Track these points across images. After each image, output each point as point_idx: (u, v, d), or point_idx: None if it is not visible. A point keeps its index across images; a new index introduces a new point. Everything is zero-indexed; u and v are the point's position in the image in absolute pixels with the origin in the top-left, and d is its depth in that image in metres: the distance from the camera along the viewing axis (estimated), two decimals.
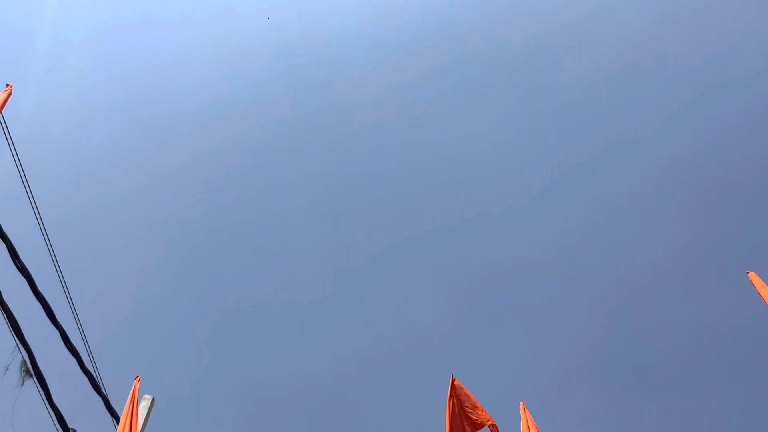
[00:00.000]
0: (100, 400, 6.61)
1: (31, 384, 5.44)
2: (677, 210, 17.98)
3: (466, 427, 6.21)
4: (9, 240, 4.57)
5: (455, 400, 6.46)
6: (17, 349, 5.30)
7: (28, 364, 5.52)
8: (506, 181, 19.79)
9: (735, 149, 17.90)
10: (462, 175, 19.98)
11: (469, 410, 6.33)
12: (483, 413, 6.30)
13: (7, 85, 5.35)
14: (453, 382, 6.63)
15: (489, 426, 6.24)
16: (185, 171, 19.64)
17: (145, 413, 7.17)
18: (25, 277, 4.76)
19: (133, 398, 5.28)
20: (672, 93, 18.84)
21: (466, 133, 20.18)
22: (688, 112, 18.59)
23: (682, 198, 18.14)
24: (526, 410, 5.80)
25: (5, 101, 5.08)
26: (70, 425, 6.18)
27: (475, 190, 19.90)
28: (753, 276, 6.44)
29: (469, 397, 6.48)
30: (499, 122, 20.14)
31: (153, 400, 7.45)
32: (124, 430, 5.02)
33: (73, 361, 5.81)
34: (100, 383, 6.59)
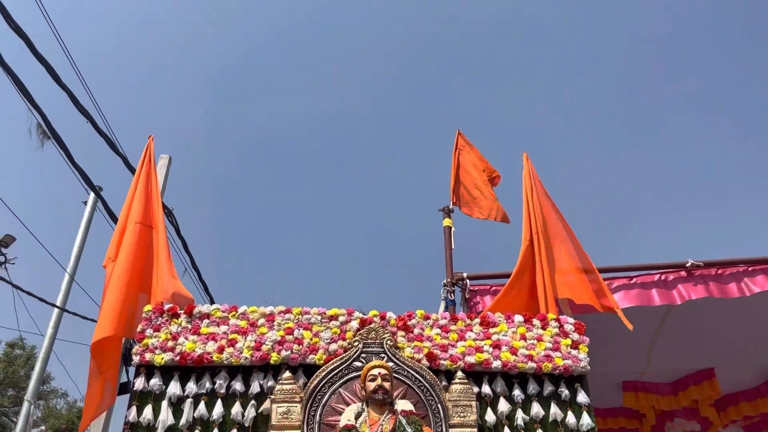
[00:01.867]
0: (119, 160, 6.93)
1: (53, 147, 5.77)
2: None
3: (474, 178, 6.55)
4: None
5: (461, 154, 6.73)
6: (29, 112, 5.52)
7: (44, 126, 5.73)
8: None
9: None
10: None
11: (477, 162, 6.68)
12: (488, 165, 6.66)
13: None
14: (459, 137, 6.87)
15: (493, 177, 6.62)
16: None
17: (164, 172, 7.52)
18: (21, 38, 4.74)
19: (149, 157, 5.46)
20: None
21: None
22: None
23: None
24: (529, 161, 5.97)
25: None
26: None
27: None
28: None
29: (474, 150, 6.79)
30: None
31: (170, 159, 7.82)
32: (144, 188, 5.19)
33: (88, 125, 6.01)
34: (117, 143, 6.92)
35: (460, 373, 4.03)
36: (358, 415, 3.69)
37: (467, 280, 5.62)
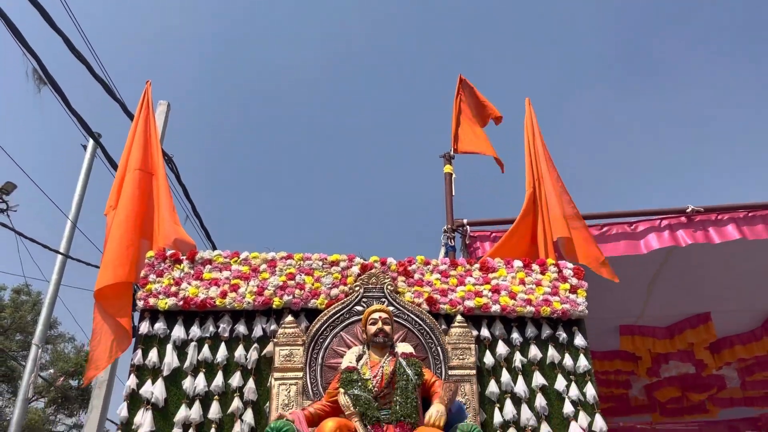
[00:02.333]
0: (117, 107, 6.85)
1: (51, 94, 5.71)
2: None
3: (476, 123, 6.58)
4: None
5: (463, 98, 6.73)
6: (24, 57, 5.42)
7: (39, 72, 5.65)
8: None
9: None
10: None
11: (479, 104, 6.71)
12: (489, 105, 6.69)
13: None
14: (461, 81, 6.85)
15: (494, 119, 6.65)
16: None
17: (163, 118, 7.59)
18: None
19: (147, 102, 5.50)
20: None
21: None
22: None
23: None
24: (531, 106, 6.04)
25: None
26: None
27: None
28: None
29: (476, 94, 6.81)
30: None
31: (169, 105, 7.86)
32: (143, 135, 5.24)
33: (85, 71, 5.96)
34: (114, 89, 6.85)
35: (459, 317, 4.13)
36: (359, 358, 3.78)
37: (467, 227, 5.68)
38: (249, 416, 3.84)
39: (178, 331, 3.98)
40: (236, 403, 3.86)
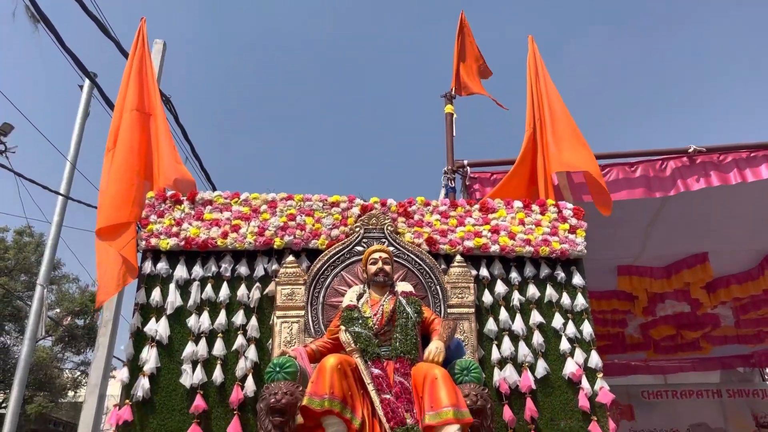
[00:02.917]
0: (113, 46, 6.76)
1: (46, 36, 5.81)
2: None
3: (471, 64, 6.65)
4: None
5: (465, 37, 6.76)
6: None
7: (32, 9, 5.62)
8: None
9: None
10: None
11: (478, 55, 6.71)
12: (485, 66, 6.72)
13: None
14: (461, 19, 6.85)
15: (483, 69, 6.69)
16: None
17: (159, 57, 7.58)
18: None
19: (142, 40, 5.52)
20: None
21: None
22: None
23: None
24: (534, 44, 6.06)
25: None
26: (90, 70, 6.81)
27: None
28: None
29: (473, 44, 6.79)
30: None
31: (164, 45, 7.84)
32: (138, 74, 5.27)
33: (76, 7, 5.85)
34: (109, 27, 6.77)
35: (458, 257, 4.22)
36: (359, 296, 3.86)
37: (467, 168, 5.71)
38: (252, 353, 3.96)
39: (181, 271, 4.08)
40: (240, 340, 3.98)
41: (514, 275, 4.30)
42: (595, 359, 4.21)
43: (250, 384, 3.95)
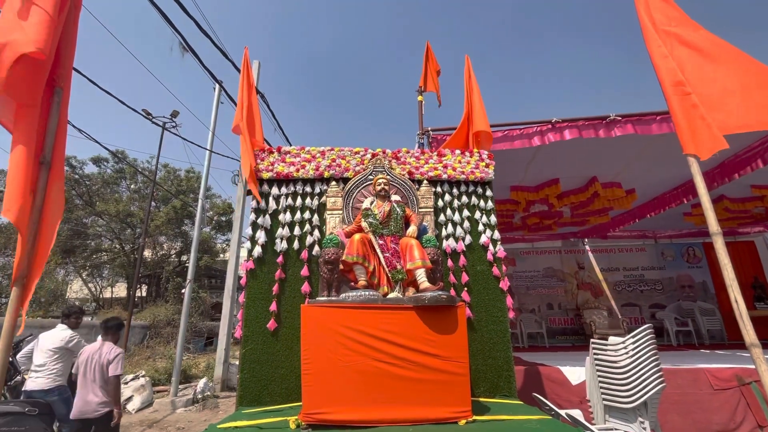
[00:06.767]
0: (229, 64, 8.70)
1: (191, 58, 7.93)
2: None
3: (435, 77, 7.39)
4: None
5: (428, 58, 7.51)
6: (173, 34, 6.85)
7: (184, 44, 7.23)
8: None
9: None
10: None
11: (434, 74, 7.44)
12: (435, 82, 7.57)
13: None
14: (428, 46, 7.55)
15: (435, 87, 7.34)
16: None
17: (256, 70, 10.50)
18: None
19: (246, 63, 6.14)
20: None
21: None
22: None
23: None
24: (469, 61, 6.30)
25: None
26: None
27: None
28: None
29: (434, 61, 7.51)
30: None
31: (259, 63, 10.77)
32: (247, 91, 5.98)
33: (206, 39, 7.96)
34: (225, 51, 8.30)
35: (425, 182, 5.50)
36: (371, 203, 4.92)
37: (431, 132, 6.91)
38: (315, 233, 5.42)
39: (275, 190, 5.55)
40: (307, 227, 5.44)
41: (455, 191, 5.63)
42: (496, 234, 5.58)
43: (315, 249, 5.34)
